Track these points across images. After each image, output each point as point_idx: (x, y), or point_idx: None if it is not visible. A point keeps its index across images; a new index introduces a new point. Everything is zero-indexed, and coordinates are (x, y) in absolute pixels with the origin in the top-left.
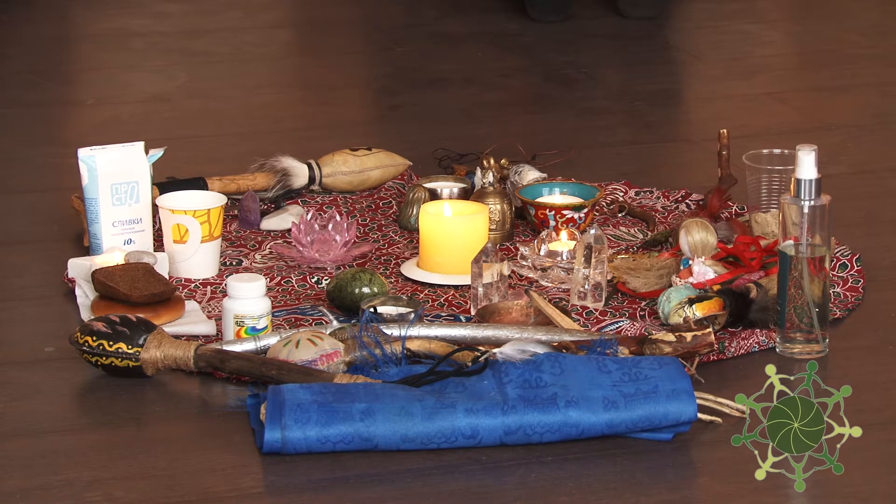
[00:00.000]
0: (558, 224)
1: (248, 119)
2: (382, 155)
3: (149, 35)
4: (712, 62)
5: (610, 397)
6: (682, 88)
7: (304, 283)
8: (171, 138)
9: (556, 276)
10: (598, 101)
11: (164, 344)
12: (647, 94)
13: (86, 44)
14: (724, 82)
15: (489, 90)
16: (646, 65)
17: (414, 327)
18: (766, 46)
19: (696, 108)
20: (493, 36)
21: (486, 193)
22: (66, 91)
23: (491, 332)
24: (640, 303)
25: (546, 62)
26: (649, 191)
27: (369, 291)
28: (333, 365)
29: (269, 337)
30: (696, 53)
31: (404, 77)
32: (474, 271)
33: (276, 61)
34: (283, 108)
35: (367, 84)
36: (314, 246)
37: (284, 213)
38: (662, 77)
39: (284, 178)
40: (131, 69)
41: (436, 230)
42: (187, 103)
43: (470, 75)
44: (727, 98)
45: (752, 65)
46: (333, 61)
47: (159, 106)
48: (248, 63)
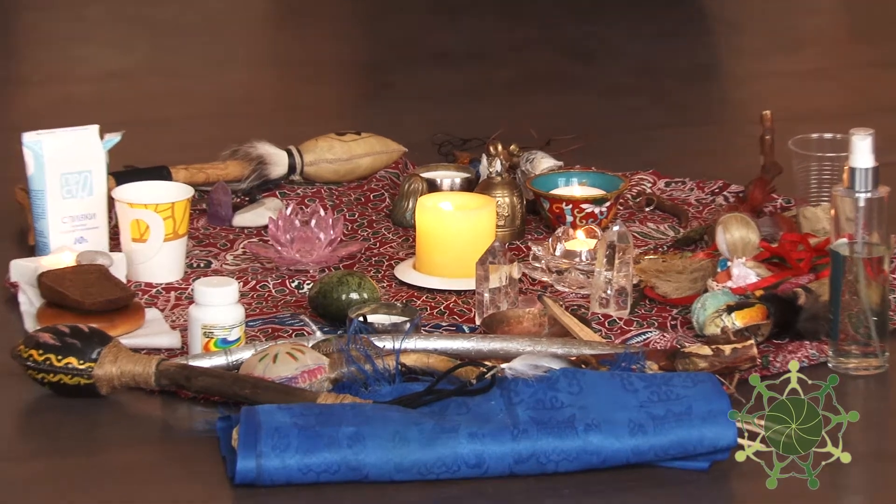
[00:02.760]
0: (576, 220)
1: (218, 99)
2: (373, 140)
3: (105, 1)
4: (753, 34)
5: (636, 420)
6: (719, 64)
7: (282, 288)
8: (129, 121)
9: (574, 280)
10: (623, 78)
11: (121, 358)
12: (679, 70)
13: (32, 12)
14: (767, 57)
15: (497, 66)
16: (677, 37)
17: (410, 339)
18: (815, 16)
19: (734, 87)
20: (502, 4)
21: (492, 184)
22: (8, 67)
23: (499, 345)
24: (670, 311)
25: (562, 34)
26: (681, 181)
27: (358, 298)
28: (317, 382)
29: (242, 350)
30: (735, 23)
31: (399, 51)
32: (479, 274)
33: (251, 32)
34: (260, 86)
35: (356, 59)
36: (294, 245)
37: (260, 206)
38: (696, 51)
39: (260, 166)
40: (84, 42)
41: (435, 227)
42: (149, 81)
43: (475, 49)
44: (771, 75)
45: (799, 37)
46: (317, 33)
47: (116, 84)
48: (220, 34)
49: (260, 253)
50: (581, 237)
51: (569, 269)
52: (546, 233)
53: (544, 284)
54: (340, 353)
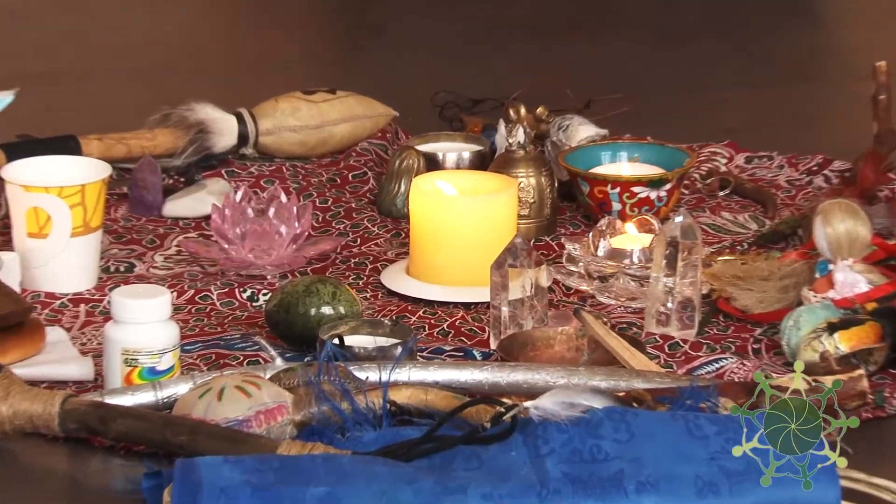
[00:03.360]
0: (626, 208)
1: (146, 48)
2: (353, 101)
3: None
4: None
5: (706, 477)
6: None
7: (230, 301)
8: (25, 75)
9: (623, 289)
10: (687, 18)
11: (14, 394)
12: (761, 6)
13: None
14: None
15: (517, 4)
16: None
17: (402, 369)
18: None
19: (836, 31)
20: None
21: (513, 160)
22: None
23: (522, 376)
24: (752, 329)
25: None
26: (767, 156)
27: (332, 313)
28: (277, 427)
29: (176, 384)
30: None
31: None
32: (496, 282)
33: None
34: (203, 32)
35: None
36: (247, 242)
37: (200, 190)
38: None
39: (201, 136)
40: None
41: (435, 218)
42: (52, 21)
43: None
44: (886, 15)
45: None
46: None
47: (7, 24)
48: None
49: (200, 252)
50: (632, 231)
51: (616, 275)
52: (585, 225)
53: (583, 295)
54: (309, 387)
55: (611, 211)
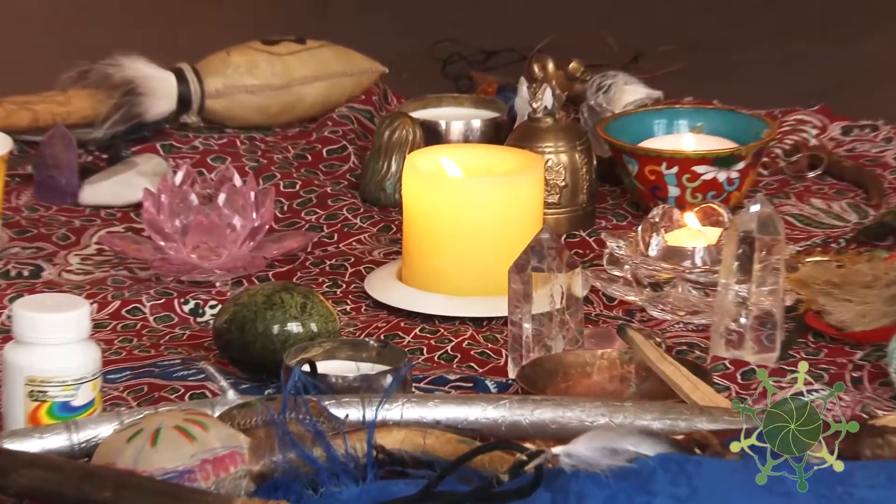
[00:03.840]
0: (686, 193)
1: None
2: (328, 54)
3: None
4: None
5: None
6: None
7: (167, 315)
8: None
9: (682, 300)
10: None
11: None
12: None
13: None
14: None
15: None
16: None
17: (393, 404)
18: None
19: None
20: None
21: (538, 131)
22: None
23: (549, 414)
24: (851, 352)
25: None
26: (870, 126)
27: (301, 331)
28: (229, 479)
29: (97, 423)
30: None
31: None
32: (515, 290)
33: None
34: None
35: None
36: (189, 238)
37: (129, 171)
38: None
39: (129, 99)
40: None
41: (436, 207)
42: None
43: None
44: None
45: None
46: None
47: None
48: None
49: (128, 252)
50: (694, 224)
51: (672, 281)
52: (633, 216)
53: (629, 307)
54: (270, 428)
55: (666, 197)
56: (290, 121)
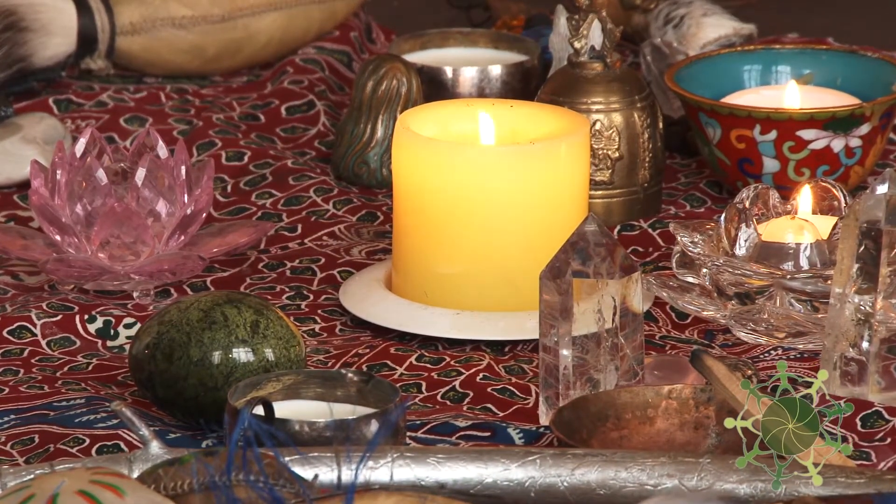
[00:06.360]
0: (787, 168)
1: None
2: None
3: None
4: None
5: None
6: None
7: (67, 338)
8: None
9: (781, 317)
10: None
11: None
12: None
13: None
14: None
15: None
16: None
17: (380, 460)
18: None
19: None
20: None
21: (583, 82)
22: None
23: (596, 475)
24: None
25: None
26: None
27: (252, 359)
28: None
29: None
30: None
31: None
32: (549, 302)
33: None
34: None
35: None
36: (96, 231)
37: (11, 136)
38: None
39: (9, 36)
40: None
41: (439, 186)
42: None
43: None
44: None
45: None
46: None
47: None
48: None
49: (11, 249)
50: (801, 210)
51: (768, 291)
52: (713, 200)
53: (707, 326)
54: (210, 493)
55: (760, 174)
56: (236, 67)
